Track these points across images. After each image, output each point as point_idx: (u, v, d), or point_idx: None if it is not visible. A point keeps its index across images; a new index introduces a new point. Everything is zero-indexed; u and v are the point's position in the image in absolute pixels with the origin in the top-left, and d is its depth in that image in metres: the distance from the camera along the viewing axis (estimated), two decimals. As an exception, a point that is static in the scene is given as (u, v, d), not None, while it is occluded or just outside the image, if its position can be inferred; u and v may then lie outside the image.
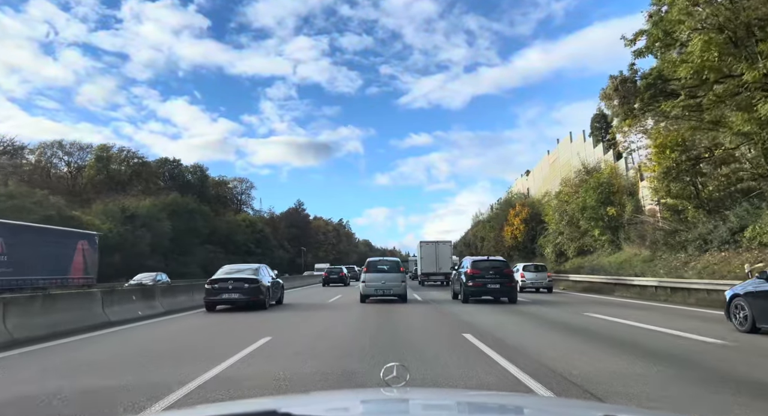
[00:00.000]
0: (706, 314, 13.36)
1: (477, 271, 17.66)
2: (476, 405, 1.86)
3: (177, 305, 15.11)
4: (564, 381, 5.47)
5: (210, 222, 65.10)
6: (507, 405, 1.89)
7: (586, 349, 7.72)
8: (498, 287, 17.39)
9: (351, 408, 1.76)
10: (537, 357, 6.93)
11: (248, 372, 5.94)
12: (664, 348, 7.84)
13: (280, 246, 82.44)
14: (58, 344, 8.48)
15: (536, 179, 53.19)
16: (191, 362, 6.62)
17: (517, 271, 25.15)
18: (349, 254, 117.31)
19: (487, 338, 8.66)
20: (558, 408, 1.92)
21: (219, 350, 7.59)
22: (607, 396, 4.86)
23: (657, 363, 6.52)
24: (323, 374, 5.78)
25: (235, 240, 69.01)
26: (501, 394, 3.64)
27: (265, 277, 15.90)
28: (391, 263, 18.90)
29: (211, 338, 9.52)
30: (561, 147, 46.06)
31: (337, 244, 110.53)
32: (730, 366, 6.46)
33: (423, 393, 2.30)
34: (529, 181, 56.83)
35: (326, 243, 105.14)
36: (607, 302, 18.72)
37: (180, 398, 4.79)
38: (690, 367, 6.29)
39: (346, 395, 2.43)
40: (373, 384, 4.90)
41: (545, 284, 25.00)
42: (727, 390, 5.11)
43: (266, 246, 75.67)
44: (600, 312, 13.73)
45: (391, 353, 7.16)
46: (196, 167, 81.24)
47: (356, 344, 8.18)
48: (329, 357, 7.01)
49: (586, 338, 8.98)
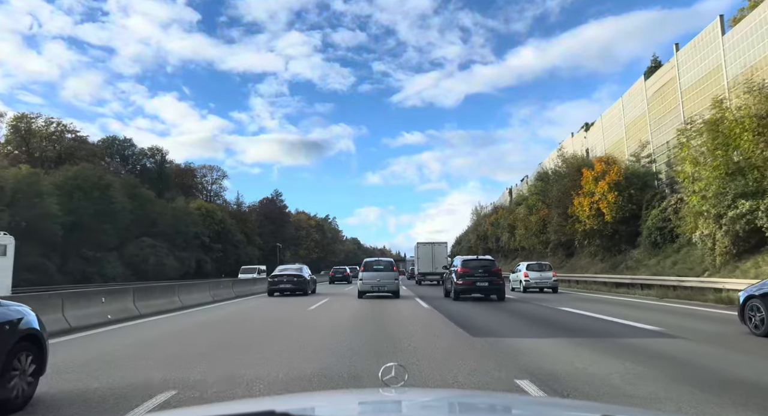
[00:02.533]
0: None
1: (467, 270, 18.30)
2: (475, 406, 1.90)
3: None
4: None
5: (148, 207, 50.80)
6: (506, 405, 1.91)
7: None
8: (486, 285, 18.03)
9: (349, 408, 1.79)
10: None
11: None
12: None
13: (250, 241, 72.11)
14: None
15: (610, 129, 35.28)
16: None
17: (520, 270, 25.69)
18: (335, 252, 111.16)
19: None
20: (557, 408, 1.95)
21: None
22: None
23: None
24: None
25: (183, 232, 55.34)
26: (500, 394, 3.67)
27: (306, 273, 23.47)
28: (386, 263, 21.49)
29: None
30: (686, 54, 25.69)
31: (321, 241, 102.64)
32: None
33: (421, 394, 2.33)
34: (590, 137, 38.95)
35: (308, 240, 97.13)
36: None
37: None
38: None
39: (345, 395, 2.47)
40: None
41: (550, 283, 24.25)
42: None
43: (229, 241, 64.48)
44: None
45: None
46: (155, 149, 68.94)
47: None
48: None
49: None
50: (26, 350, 4.67)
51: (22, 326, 4.65)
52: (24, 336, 4.65)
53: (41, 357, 4.90)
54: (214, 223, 62.57)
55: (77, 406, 4.63)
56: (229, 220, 67.75)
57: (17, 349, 4.52)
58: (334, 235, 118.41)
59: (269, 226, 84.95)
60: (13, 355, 4.46)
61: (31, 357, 4.74)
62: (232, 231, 66.69)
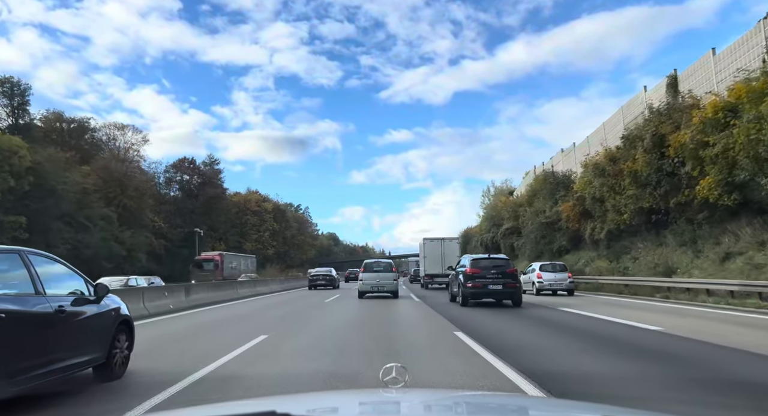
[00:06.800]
0: None
1: (477, 270, 16.95)
2: (476, 406, 1.96)
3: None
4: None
5: None
6: (505, 405, 1.99)
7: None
8: (500, 289, 16.70)
9: (349, 409, 1.85)
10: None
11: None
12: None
13: (136, 222, 54.15)
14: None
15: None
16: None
17: (533, 271, 24.82)
18: (302, 247, 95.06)
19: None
20: (557, 409, 2.03)
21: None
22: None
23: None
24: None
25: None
26: (500, 395, 3.86)
27: (334, 273, 37.25)
28: (385, 264, 23.42)
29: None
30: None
31: (283, 231, 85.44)
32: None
33: (421, 394, 2.37)
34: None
35: (261, 229, 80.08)
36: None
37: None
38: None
39: (345, 396, 2.51)
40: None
41: (565, 286, 23.86)
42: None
43: (48, 212, 41.85)
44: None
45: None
46: (11, 81, 52.52)
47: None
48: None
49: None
50: (123, 331, 6.06)
51: (121, 313, 6.02)
52: (122, 321, 6.02)
53: (131, 337, 6.40)
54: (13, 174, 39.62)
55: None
56: (79, 179, 47.08)
57: (118, 331, 5.94)
58: (303, 226, 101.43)
59: (189, 203, 67.71)
60: (115, 335, 5.79)
61: (125, 337, 6.13)
62: (62, 195, 42.84)
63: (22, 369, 4.34)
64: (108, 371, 5.77)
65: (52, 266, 5.37)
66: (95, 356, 5.50)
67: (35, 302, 4.66)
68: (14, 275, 4.67)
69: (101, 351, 5.60)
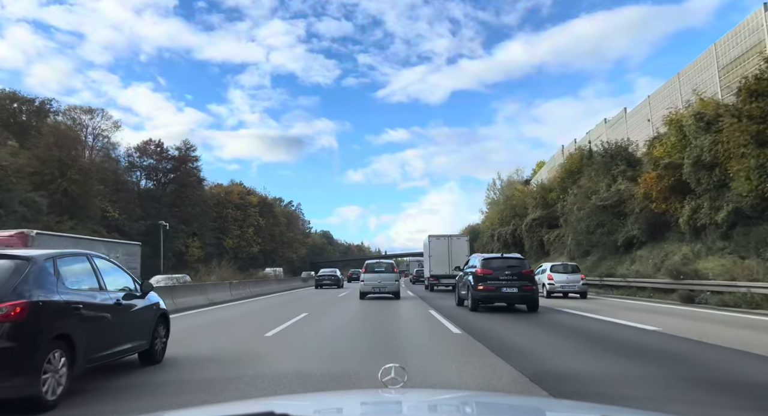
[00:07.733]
0: None
1: (488, 271, 15.45)
2: (476, 406, 1.96)
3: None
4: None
5: None
6: (507, 405, 2.00)
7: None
8: (515, 292, 15.24)
9: (349, 409, 1.86)
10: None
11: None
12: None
13: (81, 211, 46.61)
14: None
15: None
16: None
17: (543, 271, 23.82)
18: (292, 245, 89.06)
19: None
20: (557, 409, 2.05)
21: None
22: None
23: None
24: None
25: None
26: (499, 395, 3.97)
27: (339, 273, 42.36)
28: (387, 265, 23.47)
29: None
30: None
31: (270, 228, 79.24)
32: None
33: (421, 395, 2.40)
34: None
35: (245, 224, 73.50)
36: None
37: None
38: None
39: (344, 396, 2.51)
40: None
41: (578, 288, 22.88)
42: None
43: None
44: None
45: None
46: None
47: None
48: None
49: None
50: (161, 323, 7.00)
51: (161, 307, 6.97)
52: (161, 314, 6.94)
53: (168, 328, 7.50)
54: None
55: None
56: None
57: (158, 323, 6.82)
58: (293, 223, 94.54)
59: (154, 192, 61.16)
60: (155, 326, 6.70)
61: (163, 327, 6.99)
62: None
63: (94, 349, 5.27)
64: (152, 356, 6.84)
65: (106, 265, 6.33)
66: (142, 343, 6.65)
67: (101, 296, 5.63)
68: (85, 274, 5.72)
69: (146, 339, 6.76)
